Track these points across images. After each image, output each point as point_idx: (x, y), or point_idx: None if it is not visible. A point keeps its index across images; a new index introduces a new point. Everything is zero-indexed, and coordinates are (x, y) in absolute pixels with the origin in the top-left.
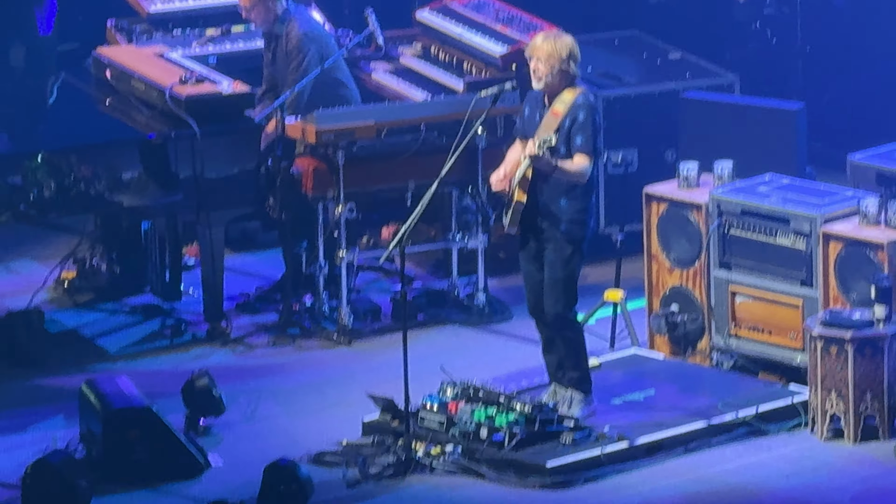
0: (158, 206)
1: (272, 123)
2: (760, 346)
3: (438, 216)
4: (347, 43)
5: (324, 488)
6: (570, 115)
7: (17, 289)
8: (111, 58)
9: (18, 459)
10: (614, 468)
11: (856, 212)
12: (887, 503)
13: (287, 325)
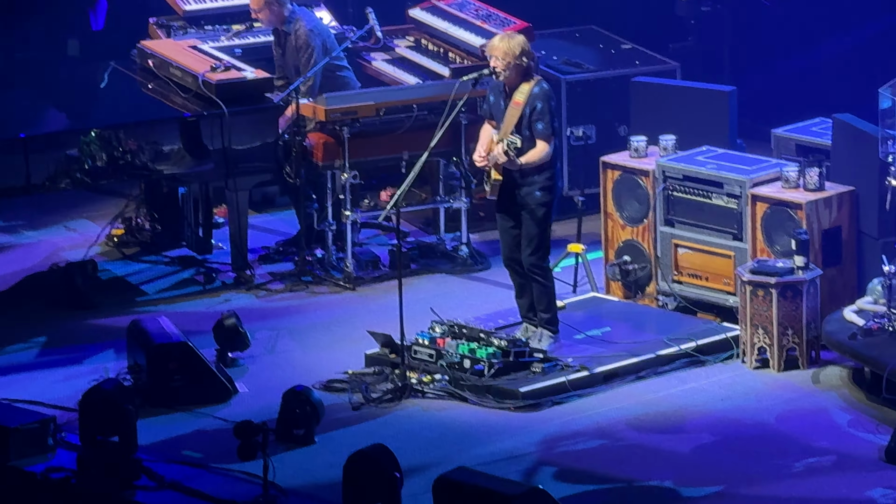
0: (193, 173)
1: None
2: (699, 291)
3: (428, 181)
4: (352, 37)
5: (333, 410)
6: (529, 104)
7: (74, 244)
8: (153, 49)
9: (76, 387)
10: (577, 393)
11: (779, 177)
12: (805, 421)
13: (301, 273)
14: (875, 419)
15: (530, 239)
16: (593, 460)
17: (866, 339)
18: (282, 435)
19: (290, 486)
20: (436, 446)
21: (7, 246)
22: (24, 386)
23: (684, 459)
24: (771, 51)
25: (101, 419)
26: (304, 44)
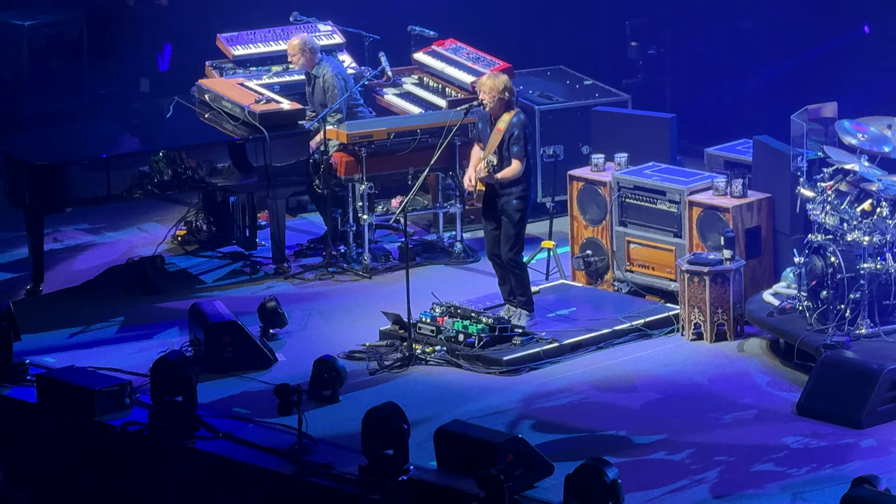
0: (240, 185)
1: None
2: (647, 278)
3: (429, 191)
4: (367, 76)
5: (353, 375)
6: (508, 131)
7: (146, 242)
8: (208, 86)
9: (148, 357)
10: (549, 360)
11: (710, 186)
12: (732, 382)
13: (328, 265)
14: (788, 380)
15: (508, 238)
16: (562, 414)
17: (781, 317)
18: (313, 395)
19: (320, 436)
20: (436, 403)
21: (92, 244)
22: (106, 356)
23: (635, 413)
24: (703, 85)
25: (168, 383)
26: (329, 85)
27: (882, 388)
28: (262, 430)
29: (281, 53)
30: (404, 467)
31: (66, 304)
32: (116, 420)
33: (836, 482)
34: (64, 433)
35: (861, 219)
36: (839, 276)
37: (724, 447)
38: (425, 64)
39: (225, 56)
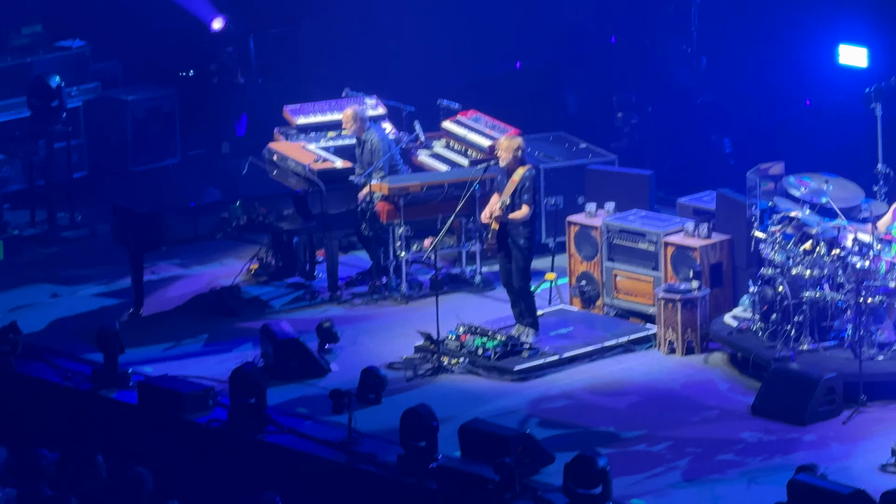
0: (302, 228)
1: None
2: (630, 304)
3: (455, 233)
4: (405, 139)
5: (393, 382)
6: (521, 182)
7: (225, 274)
8: (276, 149)
9: (227, 367)
10: (551, 370)
11: (682, 230)
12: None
13: (373, 293)
14: (744, 387)
15: (518, 271)
16: (562, 414)
17: (739, 335)
18: (360, 398)
19: (366, 431)
20: (460, 405)
21: (182, 276)
22: (193, 366)
23: (620, 413)
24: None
25: (243, 388)
26: (375, 148)
27: (821, 392)
28: (319, 425)
29: (335, 122)
30: (434, 456)
31: (161, 324)
32: (202, 418)
33: (783, 469)
34: (159, 429)
35: (803, 256)
36: (786, 302)
37: (692, 441)
38: (451, 131)
39: (289, 124)
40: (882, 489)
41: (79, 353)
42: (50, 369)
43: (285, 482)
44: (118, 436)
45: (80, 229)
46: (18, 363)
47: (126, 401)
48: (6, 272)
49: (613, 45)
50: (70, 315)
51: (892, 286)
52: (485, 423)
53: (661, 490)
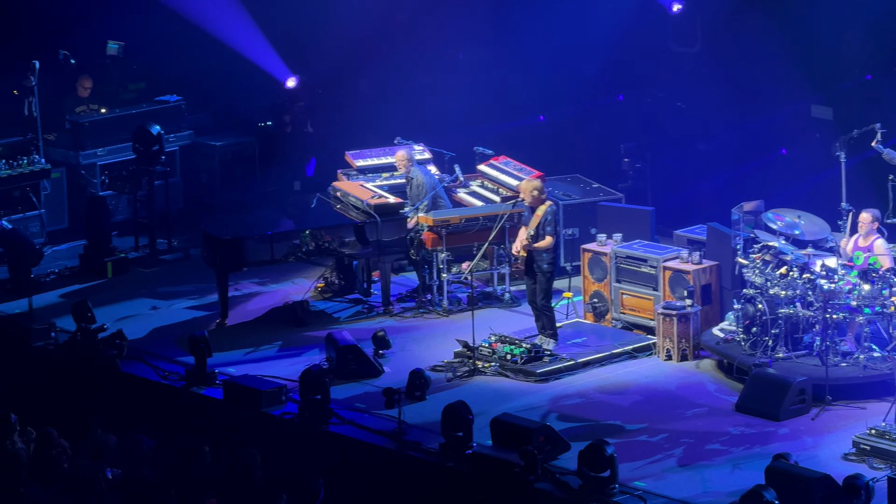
0: (361, 253)
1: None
2: (634, 318)
3: (488, 258)
4: (447, 180)
5: (436, 382)
6: (544, 217)
7: (296, 291)
8: (340, 186)
9: (297, 369)
10: (568, 373)
11: (677, 256)
12: (692, 388)
13: (419, 307)
14: (729, 388)
15: (541, 290)
16: (576, 410)
17: (725, 345)
18: (408, 395)
19: (413, 423)
20: (491, 401)
21: (260, 293)
22: (269, 367)
23: (626, 409)
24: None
25: (311, 386)
26: (421, 185)
27: (793, 393)
28: (373, 418)
29: (389, 165)
30: (469, 444)
31: (242, 332)
32: (276, 411)
33: (761, 457)
34: (240, 420)
35: (779, 279)
36: (764, 317)
37: (685, 433)
38: (485, 172)
39: (350, 166)
40: (844, 474)
41: (174, 356)
42: (149, 369)
43: (345, 466)
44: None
45: (175, 253)
46: (123, 364)
47: (213, 396)
48: (114, 289)
49: (621, 102)
50: (167, 324)
51: (854, 304)
52: (512, 417)
53: (659, 474)
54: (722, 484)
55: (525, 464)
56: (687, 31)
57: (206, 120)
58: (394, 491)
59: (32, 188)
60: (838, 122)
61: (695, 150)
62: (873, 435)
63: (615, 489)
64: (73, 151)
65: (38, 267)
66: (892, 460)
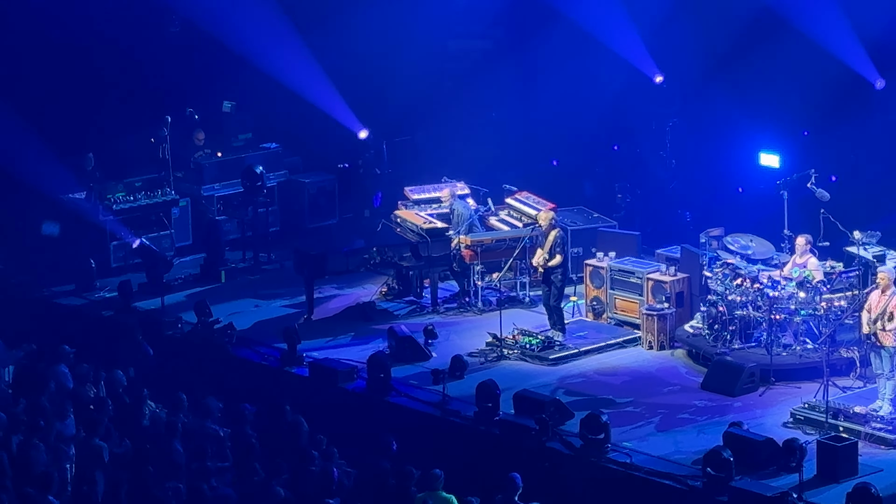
0: (416, 265)
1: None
2: (624, 317)
3: (513, 270)
4: (481, 210)
5: (472, 365)
6: (554, 241)
7: (366, 294)
8: (399, 214)
9: (366, 353)
10: (573, 359)
11: (658, 270)
12: (668, 371)
13: (461, 307)
14: (697, 371)
15: (554, 295)
16: (579, 387)
17: (694, 338)
18: (451, 375)
19: (454, 396)
20: (514, 380)
21: (337, 295)
22: (344, 353)
23: (617, 387)
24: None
25: (376, 367)
26: (462, 215)
27: (745, 376)
28: (423, 392)
29: (438, 198)
30: (497, 413)
31: (324, 326)
32: (350, 385)
33: (721, 424)
34: (322, 393)
35: (735, 288)
36: (724, 317)
37: (662, 405)
38: (511, 204)
39: (407, 199)
40: (784, 438)
41: (271, 343)
42: (253, 353)
43: (402, 428)
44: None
45: (273, 264)
46: (234, 349)
47: (301, 374)
48: (227, 291)
49: (616, 150)
50: (266, 319)
51: (792, 308)
52: (530, 392)
53: (642, 437)
54: (690, 445)
55: (539, 428)
56: (666, 96)
57: (298, 162)
58: (438, 448)
59: (165, 214)
60: (782, 168)
61: (672, 188)
62: (806, 408)
63: (608, 448)
64: (197, 186)
65: (168, 274)
66: (821, 428)
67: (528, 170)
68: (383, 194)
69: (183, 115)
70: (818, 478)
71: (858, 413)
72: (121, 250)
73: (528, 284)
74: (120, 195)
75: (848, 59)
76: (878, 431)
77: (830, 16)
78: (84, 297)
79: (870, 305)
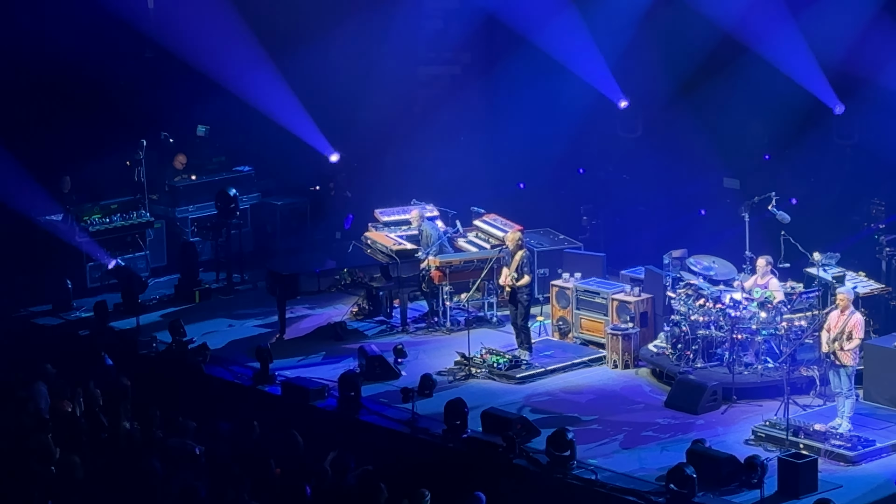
0: (385, 286)
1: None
2: (590, 337)
3: (480, 290)
4: (449, 232)
5: (441, 383)
6: (520, 261)
7: (337, 314)
8: (370, 236)
9: (336, 373)
10: (539, 377)
11: (622, 290)
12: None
13: (430, 327)
14: (660, 389)
15: (520, 315)
16: (545, 405)
17: (657, 357)
18: (420, 394)
19: (423, 414)
20: (481, 398)
21: (309, 315)
22: (316, 371)
23: (583, 405)
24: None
25: (347, 385)
26: (430, 235)
27: (707, 394)
28: (393, 410)
29: (407, 220)
30: (465, 430)
31: (296, 345)
32: (320, 404)
33: (684, 441)
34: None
35: (698, 308)
36: (687, 337)
37: (627, 423)
38: (479, 226)
39: (378, 220)
40: (745, 454)
41: (244, 362)
42: (226, 372)
43: (371, 445)
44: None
45: (246, 284)
46: (207, 368)
47: (273, 392)
48: (201, 311)
49: (581, 174)
50: (239, 338)
51: (754, 328)
52: (497, 410)
53: (607, 454)
54: (654, 462)
55: (506, 445)
56: (631, 121)
57: (270, 185)
58: (408, 465)
59: (140, 235)
60: (744, 191)
61: (636, 211)
62: (768, 426)
63: (574, 465)
64: (171, 208)
65: (143, 294)
66: (782, 445)
67: (495, 192)
68: (354, 216)
69: (158, 139)
70: (779, 494)
71: (818, 430)
72: (97, 271)
73: (495, 304)
74: (96, 217)
75: (808, 84)
76: (838, 448)
77: (791, 42)
78: (61, 317)
79: (829, 325)
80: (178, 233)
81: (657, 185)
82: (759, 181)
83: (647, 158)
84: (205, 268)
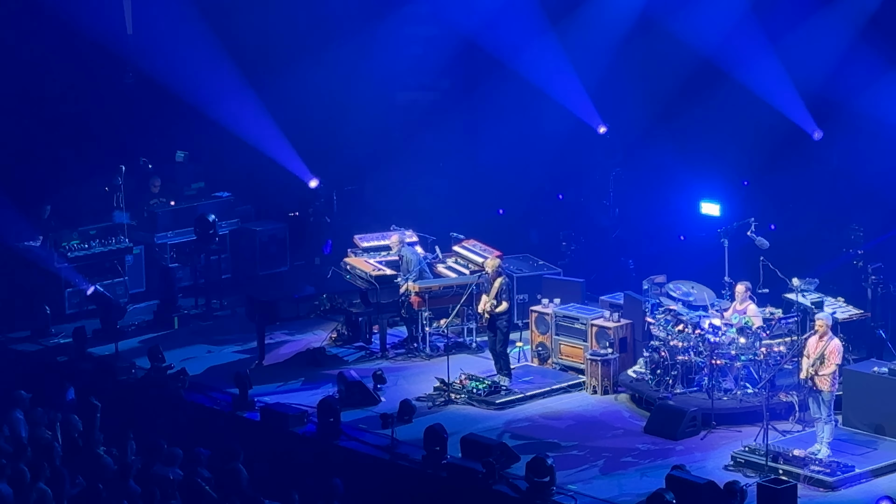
0: (365, 312)
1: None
2: (569, 362)
3: (460, 316)
4: (429, 257)
5: (420, 409)
6: (500, 287)
7: (316, 340)
8: (349, 262)
9: (316, 398)
10: (519, 403)
11: (602, 316)
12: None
13: (409, 353)
14: (640, 415)
15: (499, 341)
16: (525, 431)
17: (637, 383)
18: (399, 419)
19: (402, 440)
20: (461, 424)
21: (288, 341)
22: (295, 397)
23: (562, 431)
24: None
25: (326, 411)
26: (410, 261)
27: (687, 419)
28: (373, 436)
29: (386, 245)
30: (445, 456)
31: (275, 371)
32: (300, 430)
33: (663, 467)
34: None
35: (677, 334)
36: (666, 363)
37: (606, 449)
38: (458, 252)
39: (357, 246)
40: (725, 480)
41: (223, 388)
42: (206, 398)
43: (351, 471)
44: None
45: (225, 310)
46: (186, 394)
47: (252, 418)
48: (180, 337)
49: (561, 200)
50: (218, 364)
51: (733, 353)
52: (476, 436)
53: (586, 480)
54: (633, 487)
55: (486, 471)
56: (610, 147)
57: (249, 211)
58: (387, 491)
59: (119, 261)
60: (723, 216)
61: (615, 237)
62: (747, 451)
63: (553, 491)
64: (150, 234)
65: (122, 320)
66: (761, 471)
67: (474, 218)
68: (333, 242)
69: (137, 165)
70: None
71: (797, 456)
72: (75, 297)
73: (474, 330)
74: (75, 243)
75: (786, 110)
76: (817, 474)
77: (770, 68)
78: (39, 343)
79: (808, 351)
80: (157, 258)
81: (636, 211)
82: (738, 206)
83: (626, 183)
84: (184, 293)
